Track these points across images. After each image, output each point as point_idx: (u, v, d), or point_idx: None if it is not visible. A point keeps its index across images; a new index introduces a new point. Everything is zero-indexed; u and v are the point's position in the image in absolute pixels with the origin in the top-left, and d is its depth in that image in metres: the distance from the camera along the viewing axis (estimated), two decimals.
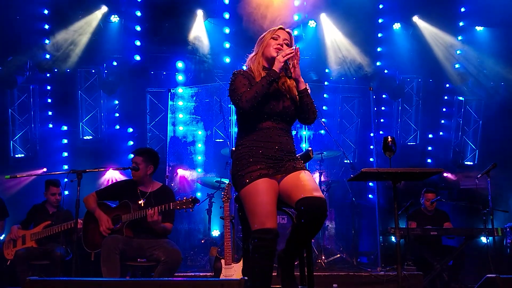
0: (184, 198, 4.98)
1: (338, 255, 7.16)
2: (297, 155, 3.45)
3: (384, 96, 9.51)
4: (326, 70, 9.26)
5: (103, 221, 5.11)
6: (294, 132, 3.60)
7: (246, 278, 2.67)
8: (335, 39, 8.99)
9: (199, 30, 8.78)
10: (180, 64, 8.87)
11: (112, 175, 8.49)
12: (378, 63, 9.11)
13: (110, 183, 7.88)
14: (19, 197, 8.16)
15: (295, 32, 8.74)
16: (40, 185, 6.54)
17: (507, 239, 6.78)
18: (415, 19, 9.07)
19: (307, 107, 3.41)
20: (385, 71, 9.15)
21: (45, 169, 8.38)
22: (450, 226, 6.97)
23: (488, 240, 6.46)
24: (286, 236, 3.35)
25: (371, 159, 8.61)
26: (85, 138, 9.14)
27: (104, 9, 8.63)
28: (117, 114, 9.11)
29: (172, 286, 2.74)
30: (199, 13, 8.73)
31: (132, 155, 5.44)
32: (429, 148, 9.57)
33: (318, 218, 3.14)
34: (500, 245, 6.88)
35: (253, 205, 3.18)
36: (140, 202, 5.18)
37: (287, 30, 3.56)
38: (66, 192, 6.12)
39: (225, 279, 4.80)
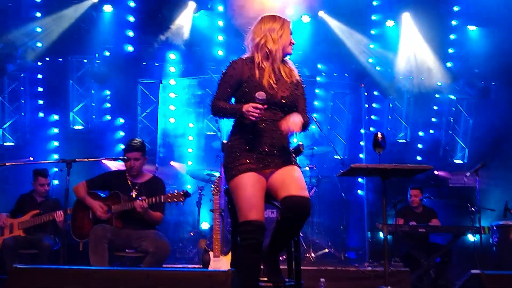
0: (176, 191, 4.98)
1: (327, 250, 7.19)
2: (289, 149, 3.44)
3: (375, 93, 9.52)
4: (319, 66, 9.26)
5: (96, 208, 5.08)
6: None
7: (233, 269, 2.68)
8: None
9: (184, 20, 8.66)
10: (172, 56, 8.83)
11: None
12: (370, 60, 9.11)
13: None
14: (6, 186, 8.09)
15: None
16: (27, 174, 6.48)
17: (493, 237, 6.85)
18: (404, 16, 9.03)
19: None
20: (377, 68, 9.16)
21: (31, 158, 8.29)
22: (438, 223, 7.04)
23: (475, 238, 6.53)
24: None
25: (361, 155, 8.64)
26: (75, 128, 9.06)
27: None
28: (108, 105, 9.03)
29: (160, 276, 2.74)
30: (191, 4, 8.65)
31: (123, 147, 5.41)
32: (419, 145, 9.59)
33: (301, 217, 3.19)
34: (487, 243, 6.95)
35: (238, 198, 3.19)
36: (132, 194, 5.17)
37: None
38: (56, 182, 6.08)
39: (213, 270, 4.80)
